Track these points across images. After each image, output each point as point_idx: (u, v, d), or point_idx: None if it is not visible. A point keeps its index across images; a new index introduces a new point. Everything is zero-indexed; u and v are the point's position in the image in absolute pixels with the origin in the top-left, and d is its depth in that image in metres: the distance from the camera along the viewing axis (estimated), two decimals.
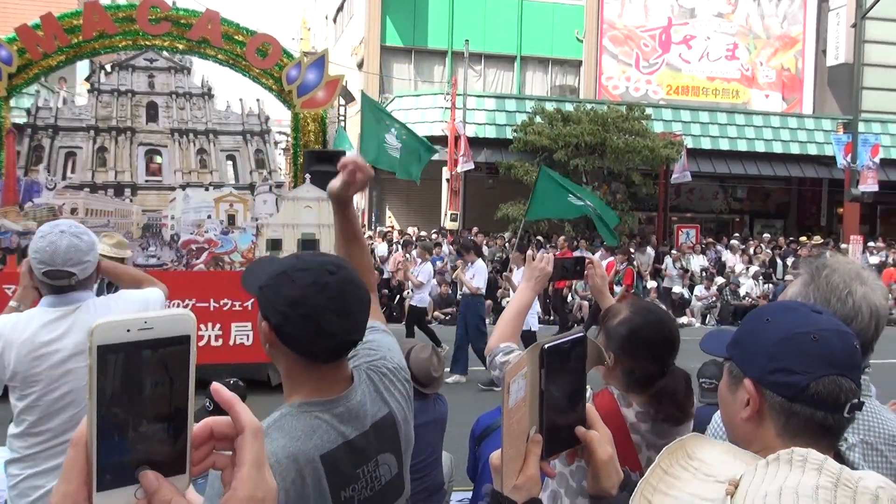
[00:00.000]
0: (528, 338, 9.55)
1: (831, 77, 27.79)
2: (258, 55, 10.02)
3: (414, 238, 19.41)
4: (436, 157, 22.26)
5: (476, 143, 22.13)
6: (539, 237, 20.40)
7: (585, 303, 17.41)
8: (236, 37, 9.96)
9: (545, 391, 1.20)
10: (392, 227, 22.98)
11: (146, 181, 9.89)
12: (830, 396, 1.33)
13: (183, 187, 9.89)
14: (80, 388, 2.82)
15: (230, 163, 10.21)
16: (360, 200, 28.00)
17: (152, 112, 9.76)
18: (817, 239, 21.98)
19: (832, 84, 27.79)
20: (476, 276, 10.63)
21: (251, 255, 9.75)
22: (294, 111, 10.34)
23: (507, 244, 19.99)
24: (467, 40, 23.26)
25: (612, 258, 15.46)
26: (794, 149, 24.57)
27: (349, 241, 2.26)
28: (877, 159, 22.21)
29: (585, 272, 3.04)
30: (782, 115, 25.82)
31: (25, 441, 2.85)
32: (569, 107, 22.47)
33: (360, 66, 27.43)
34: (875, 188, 22.06)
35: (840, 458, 1.51)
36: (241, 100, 10.31)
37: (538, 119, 21.82)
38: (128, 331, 0.73)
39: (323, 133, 10.57)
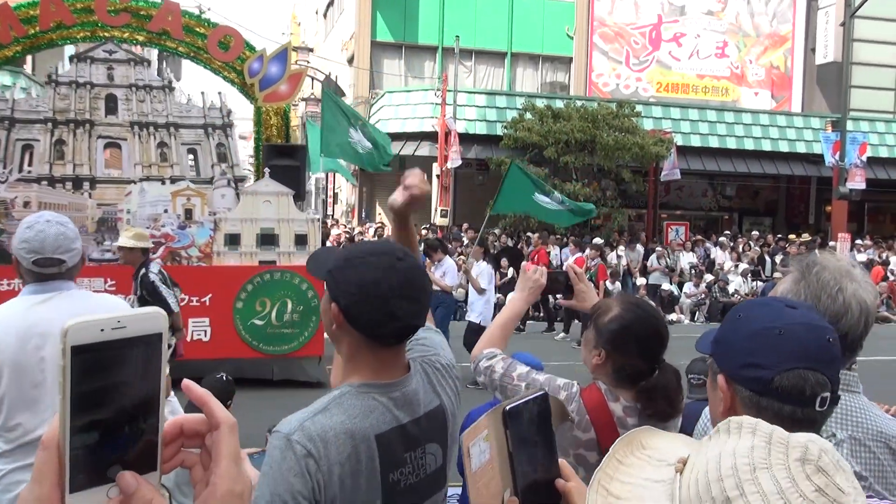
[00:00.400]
0: (480, 331, 9.57)
1: (820, 75, 27.72)
2: (220, 48, 9.91)
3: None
4: (426, 152, 22.47)
5: (466, 139, 22.12)
6: (529, 233, 20.34)
7: None
8: (197, 29, 9.85)
9: (514, 453, 1.19)
10: (382, 223, 22.94)
11: (105, 175, 9.78)
12: (795, 389, 1.35)
13: (143, 181, 9.82)
14: (54, 378, 2.77)
15: (191, 156, 10.10)
16: (350, 196, 28.02)
17: (111, 105, 9.65)
18: (805, 236, 21.94)
19: (821, 82, 27.72)
20: (447, 274, 10.59)
21: (209, 250, 9.66)
22: (256, 105, 10.25)
23: (497, 241, 19.98)
24: (458, 36, 23.20)
25: (580, 254, 15.29)
26: (783, 147, 24.54)
27: None
28: (865, 157, 22.22)
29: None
30: (771, 113, 25.78)
31: (4, 436, 2.84)
32: (559, 103, 22.44)
33: (350, 61, 27.43)
34: (863, 186, 22.05)
35: None
36: (202, 93, 10.24)
37: (528, 115, 21.80)
38: (101, 330, 0.73)
39: (286, 127, 10.45)
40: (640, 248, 20.32)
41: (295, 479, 1.57)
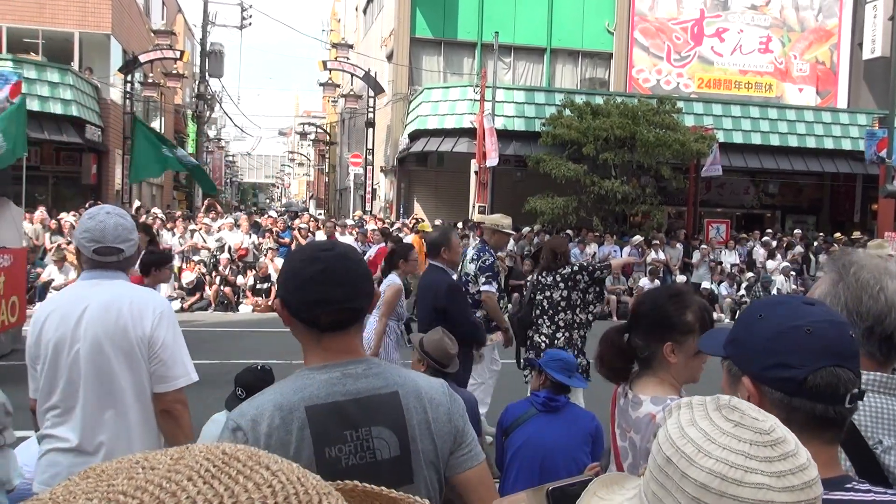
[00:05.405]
0: None
1: (867, 71, 27.20)
2: None
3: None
4: (464, 149, 22.43)
5: (505, 135, 22.02)
6: (569, 231, 20.23)
7: (613, 297, 17.28)
8: None
9: None
10: (419, 218, 22.94)
11: None
12: (829, 388, 1.34)
13: None
14: (86, 357, 2.93)
15: None
16: (388, 192, 28.06)
17: None
18: (857, 234, 21.61)
19: (868, 78, 27.22)
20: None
21: None
22: None
23: (535, 237, 19.91)
24: (497, 32, 23.09)
25: (383, 245, 15.39)
26: (828, 143, 24.16)
27: None
28: None
29: None
30: (816, 110, 25.38)
31: (47, 417, 2.98)
32: (599, 100, 22.22)
33: (389, 57, 27.47)
34: None
35: (874, 460, 1.58)
36: None
37: (567, 112, 21.62)
38: None
39: None
40: (679, 245, 20.19)
41: None
